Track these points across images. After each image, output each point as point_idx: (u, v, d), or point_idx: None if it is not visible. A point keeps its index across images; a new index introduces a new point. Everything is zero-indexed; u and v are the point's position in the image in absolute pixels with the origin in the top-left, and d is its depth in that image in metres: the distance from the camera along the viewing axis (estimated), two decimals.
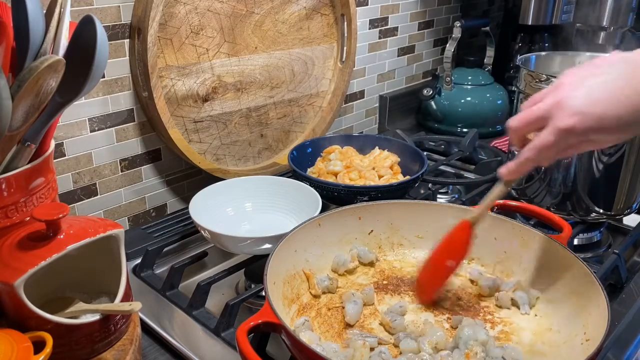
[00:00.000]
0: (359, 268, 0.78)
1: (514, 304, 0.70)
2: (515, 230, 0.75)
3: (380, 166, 1.00)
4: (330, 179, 0.97)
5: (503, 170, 0.66)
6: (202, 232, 0.80)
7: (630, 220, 0.97)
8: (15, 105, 0.55)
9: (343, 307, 0.69)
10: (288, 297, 0.69)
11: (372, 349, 0.61)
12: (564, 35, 1.44)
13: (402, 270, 0.78)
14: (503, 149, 1.24)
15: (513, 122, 0.62)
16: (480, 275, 0.75)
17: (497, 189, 0.67)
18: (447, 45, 1.37)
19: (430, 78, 1.55)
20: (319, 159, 1.06)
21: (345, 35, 1.17)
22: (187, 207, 0.88)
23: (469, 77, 1.42)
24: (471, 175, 1.16)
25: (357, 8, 1.20)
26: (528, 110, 0.61)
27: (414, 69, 1.53)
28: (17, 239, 0.57)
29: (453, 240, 0.70)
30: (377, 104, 1.44)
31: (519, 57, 0.98)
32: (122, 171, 0.94)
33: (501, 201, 0.80)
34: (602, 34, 1.38)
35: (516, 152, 0.66)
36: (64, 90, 0.60)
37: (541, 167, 0.65)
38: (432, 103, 1.41)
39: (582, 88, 0.56)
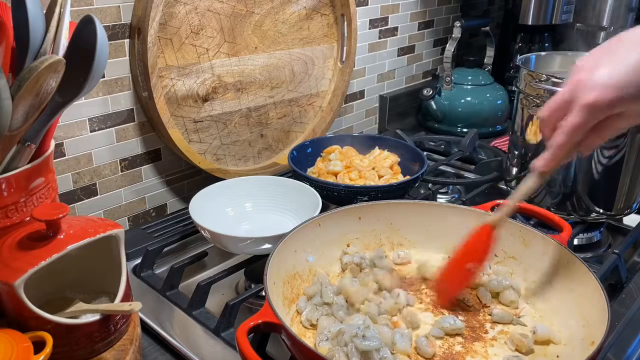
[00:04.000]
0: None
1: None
2: (515, 230, 0.75)
3: (380, 166, 1.00)
4: (330, 179, 0.97)
5: (538, 162, 0.63)
6: (202, 232, 0.80)
7: (630, 220, 0.97)
8: (15, 105, 0.55)
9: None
10: (288, 297, 0.69)
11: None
12: (564, 35, 1.44)
13: (402, 270, 0.78)
14: (503, 149, 1.24)
15: (541, 112, 0.62)
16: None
17: (530, 182, 0.65)
18: (447, 45, 1.37)
19: (430, 78, 1.55)
20: (319, 159, 1.06)
21: (345, 35, 1.17)
22: (187, 207, 0.88)
23: (469, 77, 1.42)
24: (471, 175, 1.16)
25: (357, 8, 1.20)
26: (552, 98, 0.61)
27: (414, 69, 1.53)
28: (17, 239, 0.57)
29: (474, 243, 0.69)
30: (377, 104, 1.44)
31: (519, 57, 0.98)
32: (122, 171, 0.94)
33: (501, 201, 0.80)
34: (602, 34, 1.38)
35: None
36: (64, 90, 0.60)
37: (582, 156, 0.63)
38: (432, 103, 1.41)
39: (602, 64, 0.56)
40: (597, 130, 0.59)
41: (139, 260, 0.83)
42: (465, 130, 1.36)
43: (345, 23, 1.16)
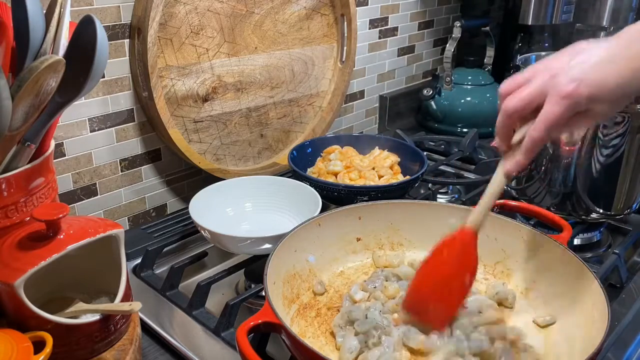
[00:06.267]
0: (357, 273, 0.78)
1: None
2: (515, 230, 0.75)
3: (380, 166, 1.00)
4: (330, 179, 0.97)
5: (511, 167, 0.59)
6: (202, 232, 0.80)
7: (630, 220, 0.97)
8: (15, 105, 0.55)
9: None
10: (288, 297, 0.69)
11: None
12: (564, 35, 1.44)
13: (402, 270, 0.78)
14: None
15: (510, 103, 0.57)
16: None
17: (496, 185, 0.60)
18: (447, 45, 1.37)
19: (430, 78, 1.55)
20: (319, 159, 1.06)
21: (345, 35, 1.17)
22: (187, 207, 0.88)
23: (469, 77, 1.42)
24: (471, 175, 1.16)
25: (357, 8, 1.20)
26: (523, 89, 0.56)
27: (414, 69, 1.53)
28: (17, 239, 0.57)
29: (460, 252, 0.60)
30: (377, 104, 1.44)
31: (519, 57, 0.98)
32: (122, 171, 0.94)
33: (501, 201, 0.80)
34: (602, 34, 1.38)
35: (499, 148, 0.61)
36: (64, 90, 0.60)
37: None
38: (432, 103, 1.41)
39: (575, 62, 0.54)
40: (568, 126, 0.56)
41: (139, 260, 0.83)
42: (465, 130, 1.36)
43: (345, 23, 1.16)
